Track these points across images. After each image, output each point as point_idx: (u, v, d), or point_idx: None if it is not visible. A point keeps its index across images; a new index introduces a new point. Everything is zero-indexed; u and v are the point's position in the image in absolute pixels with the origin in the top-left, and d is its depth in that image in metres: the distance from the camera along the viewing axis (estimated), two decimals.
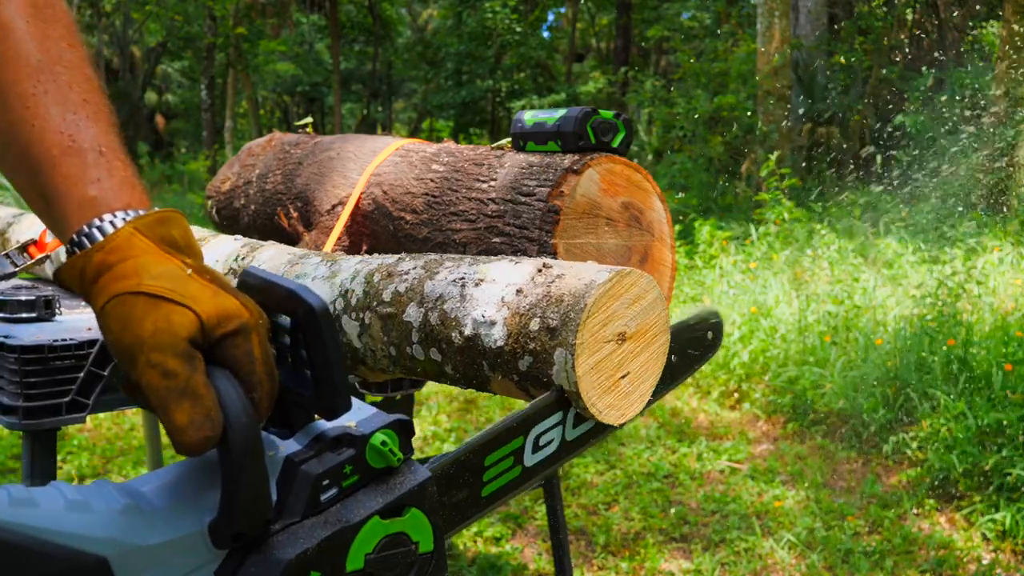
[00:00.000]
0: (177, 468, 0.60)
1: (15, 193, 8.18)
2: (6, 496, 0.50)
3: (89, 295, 0.59)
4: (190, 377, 0.55)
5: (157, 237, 0.60)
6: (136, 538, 0.54)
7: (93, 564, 0.52)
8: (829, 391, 3.68)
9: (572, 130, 1.19)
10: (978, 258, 4.92)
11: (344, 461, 0.62)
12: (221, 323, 0.57)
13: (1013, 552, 2.61)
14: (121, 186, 0.62)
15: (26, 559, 0.49)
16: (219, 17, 14.56)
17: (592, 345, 0.84)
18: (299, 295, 0.59)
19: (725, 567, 2.58)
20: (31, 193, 0.65)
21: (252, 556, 0.58)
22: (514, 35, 14.52)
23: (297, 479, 0.60)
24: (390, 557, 0.63)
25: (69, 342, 1.09)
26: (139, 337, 0.55)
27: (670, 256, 1.25)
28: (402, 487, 0.64)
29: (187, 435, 0.54)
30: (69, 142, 0.62)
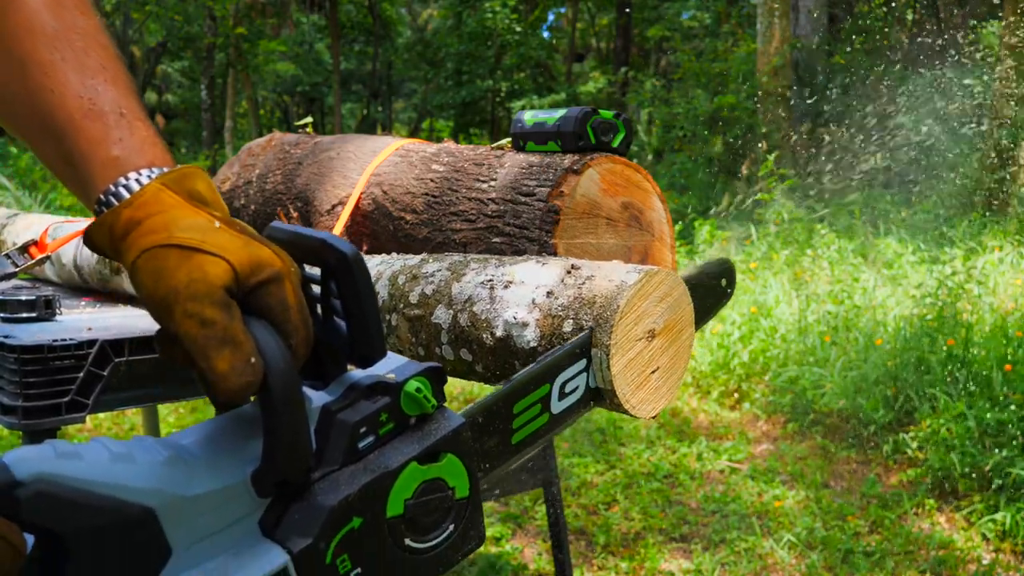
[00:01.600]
0: (215, 422, 0.61)
1: (14, 193, 8.18)
2: (51, 450, 0.50)
3: (119, 252, 0.59)
4: (228, 325, 0.55)
5: (184, 191, 0.60)
6: (181, 488, 0.54)
7: (139, 514, 0.52)
8: (829, 391, 3.67)
9: (572, 130, 1.19)
10: (978, 258, 4.92)
11: (380, 409, 0.62)
12: (254, 272, 0.57)
13: (1013, 552, 2.61)
14: (143, 145, 0.63)
15: (73, 510, 0.50)
16: (219, 17, 14.56)
17: (625, 344, 0.86)
18: (330, 243, 0.60)
19: (725, 567, 2.58)
20: (56, 160, 0.65)
21: (295, 504, 0.58)
22: (514, 35, 14.52)
23: (335, 428, 0.61)
24: (429, 502, 0.64)
25: (69, 342, 1.09)
26: (174, 288, 0.55)
27: (670, 256, 1.25)
28: (437, 433, 0.65)
29: (229, 381, 0.54)
30: (89, 106, 0.63)
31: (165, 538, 0.53)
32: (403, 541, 0.63)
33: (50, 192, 8.75)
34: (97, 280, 1.55)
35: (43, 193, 8.67)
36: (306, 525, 0.58)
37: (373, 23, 17.09)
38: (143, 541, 0.52)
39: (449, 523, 0.66)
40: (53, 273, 1.71)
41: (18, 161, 9.37)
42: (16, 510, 0.48)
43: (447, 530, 0.66)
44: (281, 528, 0.58)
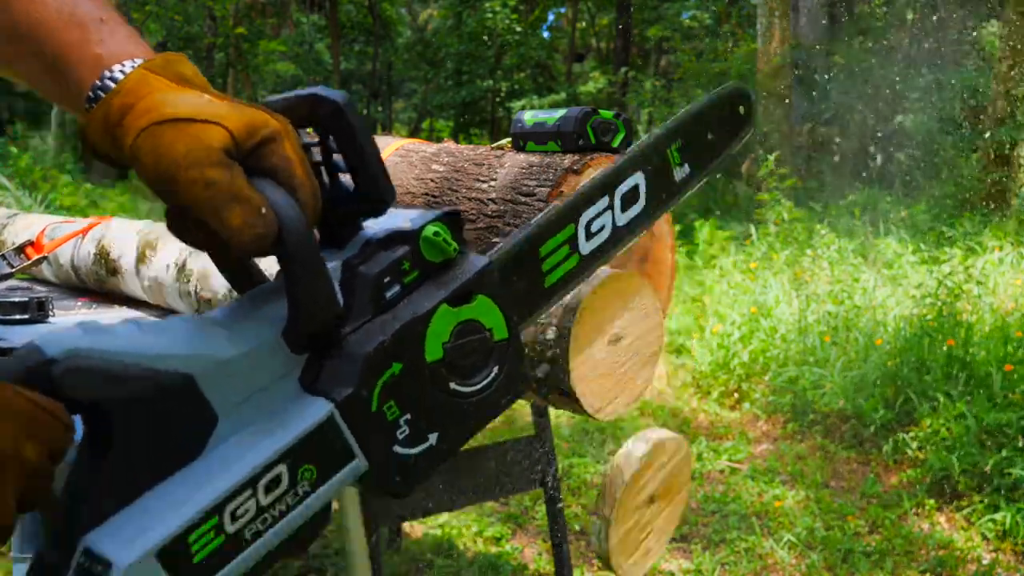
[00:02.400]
0: (237, 300, 0.62)
1: (14, 193, 8.18)
2: (81, 329, 0.51)
3: (116, 141, 0.59)
4: (232, 183, 0.55)
5: (171, 74, 0.60)
6: (217, 351, 0.55)
7: (178, 381, 0.52)
8: (829, 391, 3.67)
9: (572, 130, 1.18)
10: (978, 258, 4.92)
11: (400, 257, 0.62)
12: (251, 133, 0.57)
13: (1013, 552, 2.61)
14: (126, 41, 0.64)
15: (110, 382, 0.50)
16: (219, 17, 14.56)
17: (626, 516, 0.96)
18: (320, 95, 0.60)
19: (725, 567, 2.58)
20: (42, 78, 0.66)
21: (331, 357, 0.59)
22: (514, 35, 14.52)
23: (358, 280, 0.61)
24: (466, 344, 0.64)
25: None
26: (173, 160, 0.55)
27: (670, 256, 1.25)
28: (463, 275, 0.65)
29: (243, 235, 0.55)
30: (69, 17, 0.64)
31: (208, 404, 0.54)
32: (447, 385, 0.63)
33: (50, 192, 8.75)
34: (94, 280, 1.54)
35: (43, 193, 8.67)
36: (345, 374, 0.58)
37: (373, 23, 17.09)
38: (187, 408, 0.53)
39: (492, 366, 0.66)
40: (51, 273, 1.71)
41: (18, 161, 9.37)
42: (53, 386, 0.48)
43: (491, 373, 0.66)
44: (321, 380, 0.58)
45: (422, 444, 0.62)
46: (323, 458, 0.57)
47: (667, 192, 0.93)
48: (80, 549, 0.50)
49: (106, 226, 1.53)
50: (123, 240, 1.44)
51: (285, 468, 0.55)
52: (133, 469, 0.51)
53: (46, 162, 11.24)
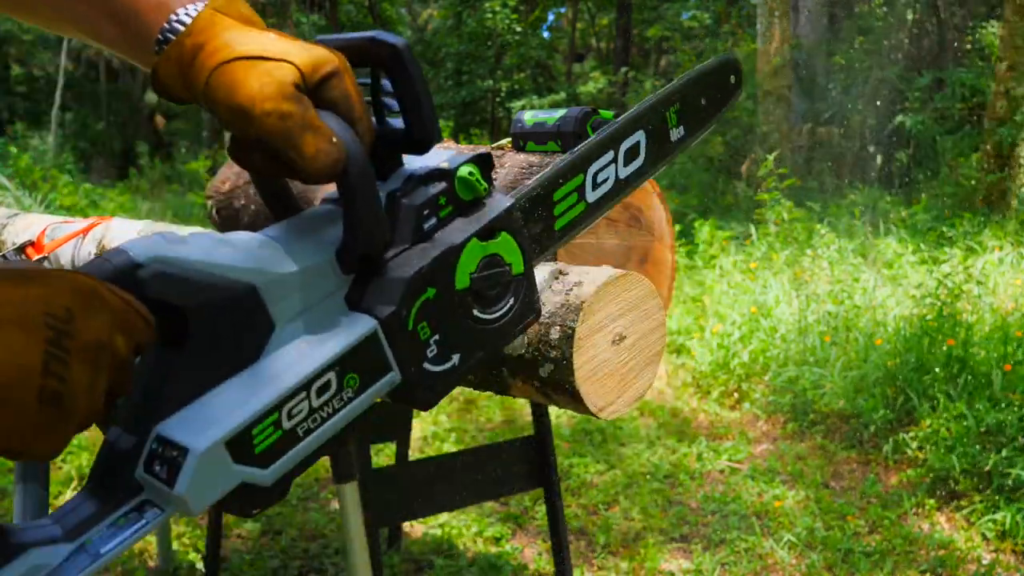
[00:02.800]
0: (294, 219, 0.67)
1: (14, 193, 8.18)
2: (162, 238, 0.56)
3: (189, 80, 0.63)
4: (304, 113, 0.60)
5: (235, 13, 0.65)
6: (277, 267, 0.60)
7: (245, 290, 0.58)
8: (829, 391, 3.67)
9: (572, 130, 1.18)
10: (978, 258, 4.92)
11: (438, 193, 0.68)
12: (316, 68, 0.62)
13: (1013, 552, 2.61)
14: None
15: (188, 287, 0.55)
16: None
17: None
18: (379, 38, 0.65)
19: (725, 567, 2.58)
20: (105, 27, 0.70)
21: (375, 279, 0.65)
22: (514, 35, 14.52)
23: (401, 211, 0.67)
24: (490, 276, 0.70)
25: None
26: (248, 94, 0.60)
27: (670, 256, 1.25)
28: (492, 212, 0.71)
29: (319, 161, 0.60)
30: None
31: (268, 313, 0.60)
32: (471, 312, 0.69)
33: (50, 192, 8.75)
34: None
35: (43, 193, 8.67)
36: (388, 294, 0.64)
37: (373, 23, 17.10)
38: (250, 315, 0.59)
39: (509, 297, 0.72)
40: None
41: (18, 161, 9.37)
42: (139, 288, 0.53)
43: (508, 303, 0.72)
44: (366, 299, 0.64)
45: (446, 363, 0.68)
46: (365, 368, 0.63)
47: (663, 150, 1.02)
48: (153, 436, 0.55)
49: (107, 226, 1.53)
50: (123, 240, 1.44)
51: (334, 375, 0.61)
52: (202, 367, 0.57)
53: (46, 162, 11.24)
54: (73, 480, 3.09)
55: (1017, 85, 6.48)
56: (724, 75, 1.13)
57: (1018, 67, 6.48)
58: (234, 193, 1.85)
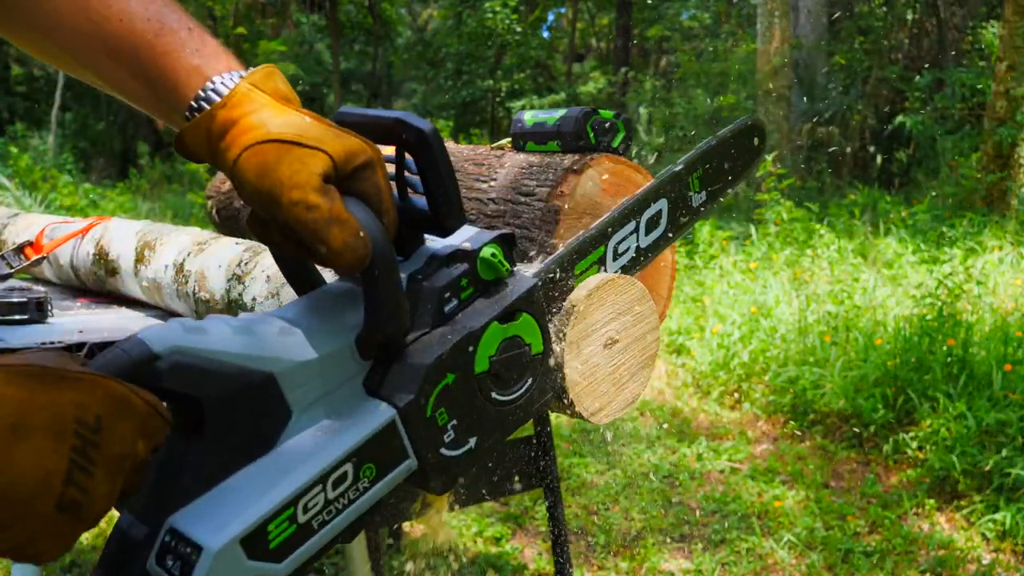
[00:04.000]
0: (311, 297, 0.67)
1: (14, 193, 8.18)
2: (179, 326, 0.55)
3: (216, 152, 0.62)
4: (332, 207, 0.59)
5: (271, 90, 0.64)
6: (296, 354, 0.60)
7: (263, 379, 0.58)
8: (829, 391, 3.67)
9: (572, 130, 1.18)
10: (978, 258, 4.92)
11: (460, 275, 0.68)
12: (349, 159, 0.61)
13: (1013, 552, 2.61)
14: (217, 53, 0.67)
15: (206, 377, 0.55)
16: (219, 17, 14.56)
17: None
18: (407, 121, 0.65)
19: (725, 567, 2.58)
20: (129, 81, 0.69)
21: (395, 365, 0.64)
22: (514, 35, 14.52)
23: (423, 294, 0.66)
24: (509, 358, 0.70)
25: (56, 345, 1.08)
26: (278, 180, 0.59)
27: (670, 256, 1.25)
28: (513, 294, 0.70)
29: (346, 256, 0.59)
30: (158, 26, 0.67)
31: (285, 400, 0.59)
32: (490, 394, 0.69)
33: (50, 192, 8.75)
34: (93, 281, 1.54)
35: (43, 193, 8.66)
36: (407, 382, 0.63)
37: (373, 23, 17.09)
38: (267, 403, 0.58)
39: (528, 377, 0.72)
40: (52, 274, 1.71)
41: (18, 161, 9.36)
42: (157, 380, 0.53)
43: (526, 383, 0.72)
44: (384, 386, 0.64)
45: (463, 447, 0.67)
46: (382, 457, 0.62)
47: (685, 216, 1.01)
48: (166, 528, 0.54)
49: (105, 227, 1.53)
50: (121, 241, 1.44)
51: (351, 466, 0.60)
52: (217, 456, 0.56)
53: (46, 162, 11.23)
54: None
55: (1017, 85, 6.47)
56: (748, 138, 1.12)
57: (1018, 67, 6.48)
58: (234, 193, 1.85)
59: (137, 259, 1.38)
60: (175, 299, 1.29)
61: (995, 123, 6.61)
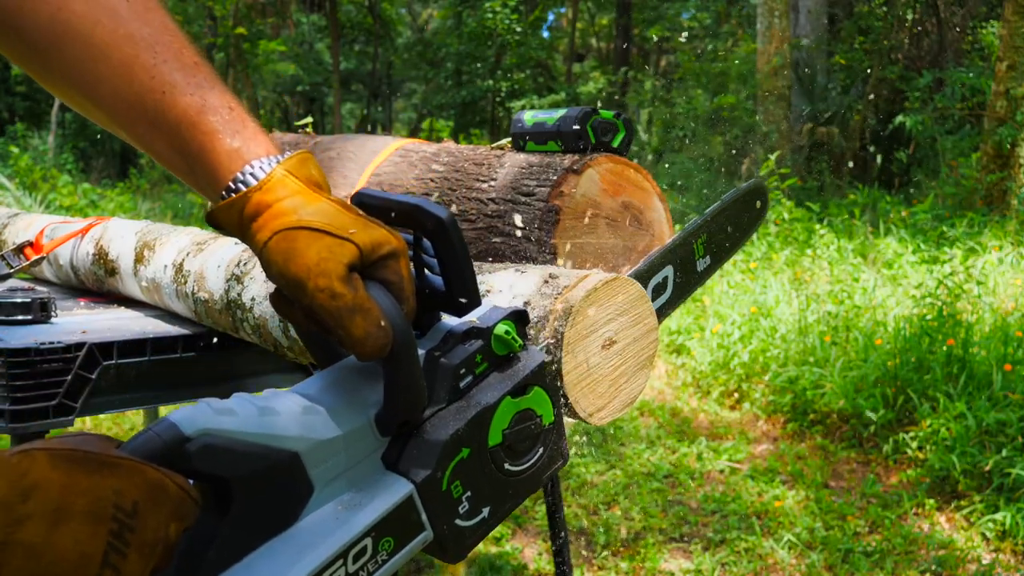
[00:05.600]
0: (331, 373, 0.69)
1: (14, 193, 8.17)
2: (208, 408, 0.57)
3: (247, 231, 0.66)
4: (356, 295, 0.62)
5: (304, 177, 0.67)
6: (318, 433, 0.62)
7: (287, 458, 0.60)
8: (829, 391, 3.67)
9: (572, 130, 1.18)
10: (978, 258, 4.92)
11: (475, 352, 0.70)
12: (375, 249, 0.64)
13: (1013, 552, 2.61)
14: (256, 136, 0.70)
15: (234, 458, 0.57)
16: (219, 17, 14.56)
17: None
18: (426, 208, 0.67)
19: (725, 567, 2.58)
20: (167, 152, 0.71)
21: (412, 440, 0.67)
22: (514, 35, 14.52)
23: (440, 371, 0.69)
24: (522, 430, 0.72)
25: (56, 345, 1.08)
26: (305, 266, 0.62)
27: None
28: (525, 369, 0.73)
29: (367, 345, 0.62)
30: (201, 103, 0.69)
31: (308, 477, 0.61)
32: (503, 466, 0.71)
33: (50, 192, 8.75)
34: (92, 281, 1.54)
35: (43, 193, 8.66)
36: (425, 457, 0.66)
37: (373, 23, 17.09)
38: (291, 481, 0.60)
39: (539, 447, 0.74)
40: (52, 274, 1.71)
41: (18, 161, 9.36)
42: (188, 462, 0.55)
43: (537, 453, 0.74)
44: (402, 461, 0.66)
45: (478, 516, 0.70)
46: (400, 531, 0.65)
47: (689, 280, 1.04)
48: None
49: (105, 227, 1.53)
50: (121, 241, 1.44)
51: (370, 540, 0.62)
52: (242, 531, 0.58)
53: (46, 162, 11.23)
54: None
55: (1017, 85, 6.47)
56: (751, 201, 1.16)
57: (1018, 67, 6.48)
58: None
59: (136, 259, 1.38)
60: (174, 299, 1.29)
61: (995, 123, 6.61)
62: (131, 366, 1.16)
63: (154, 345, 1.19)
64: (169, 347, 1.21)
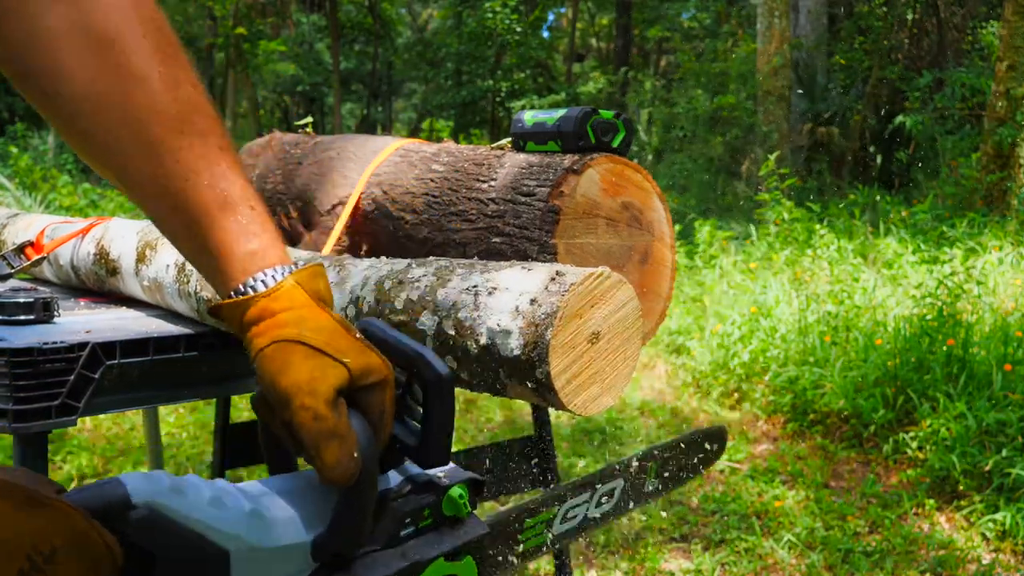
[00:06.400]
0: (294, 480, 0.68)
1: (14, 193, 8.17)
2: (166, 482, 0.57)
3: (247, 334, 0.67)
4: (337, 422, 0.62)
5: (312, 291, 0.68)
6: (254, 539, 0.61)
7: (218, 554, 0.59)
8: (829, 391, 3.67)
9: (572, 130, 1.18)
10: (978, 258, 4.92)
11: (425, 505, 0.71)
12: (364, 375, 0.64)
13: (1013, 552, 2.61)
14: (273, 242, 0.70)
15: (169, 539, 0.57)
16: (219, 17, 14.56)
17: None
18: (429, 361, 0.67)
19: (725, 567, 2.58)
20: (186, 240, 0.72)
21: (338, 574, 0.66)
22: (514, 35, 14.52)
23: (387, 513, 0.69)
24: None
25: (59, 345, 1.08)
26: (296, 383, 0.62)
27: (670, 256, 1.25)
28: (465, 536, 0.73)
29: (336, 472, 0.62)
30: (223, 197, 0.69)
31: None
32: None
33: (50, 192, 8.75)
34: (94, 281, 1.54)
35: (43, 193, 8.66)
36: None
37: (373, 23, 17.09)
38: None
39: None
40: (52, 274, 1.71)
41: (18, 161, 9.36)
42: (125, 526, 0.54)
43: None
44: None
45: None
46: None
47: (635, 499, 1.09)
48: None
49: (106, 227, 1.53)
50: (122, 240, 1.44)
51: None
52: None
53: (46, 162, 11.24)
54: (73, 480, 3.08)
55: (1017, 85, 6.47)
56: (707, 445, 1.23)
57: (1018, 67, 6.48)
58: None
59: (138, 259, 1.38)
60: (176, 298, 1.29)
61: (995, 123, 6.61)
62: (134, 366, 1.16)
63: (156, 344, 1.19)
64: (171, 347, 1.21)
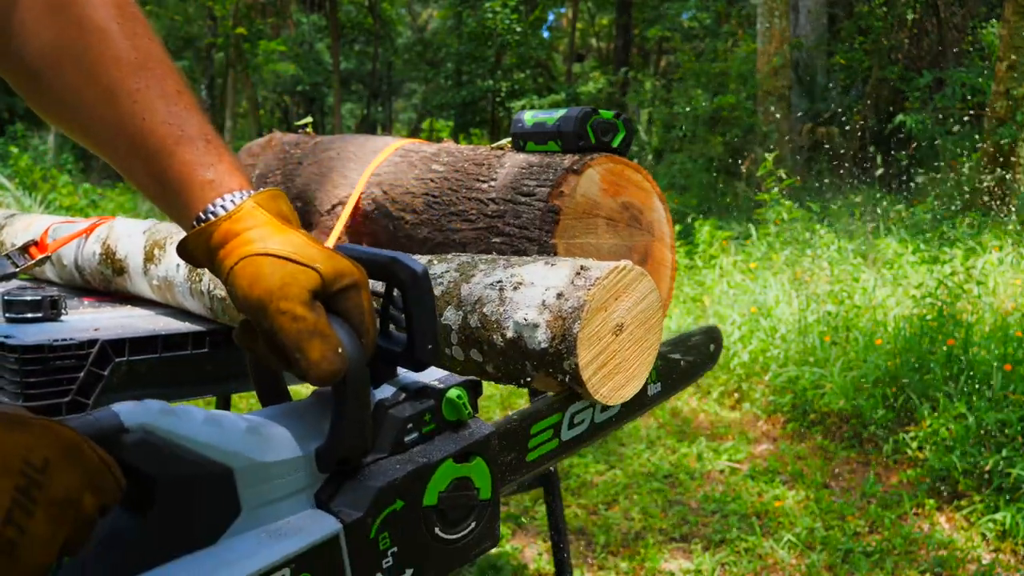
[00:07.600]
0: (282, 408, 0.70)
1: (14, 193, 8.17)
2: (157, 406, 0.57)
3: (214, 259, 0.67)
4: (316, 320, 0.63)
5: (274, 210, 0.69)
6: (256, 455, 0.61)
7: (220, 472, 0.59)
8: (829, 391, 3.67)
9: (572, 130, 1.19)
10: (978, 258, 4.92)
11: (425, 410, 0.71)
12: (337, 279, 0.66)
13: (1013, 552, 2.61)
14: (231, 170, 0.72)
15: (167, 460, 0.56)
16: (219, 17, 14.56)
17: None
18: (402, 261, 0.69)
19: (725, 567, 2.58)
20: (144, 178, 0.73)
21: (348, 482, 0.67)
22: (514, 35, 14.52)
23: (387, 421, 0.69)
24: (458, 497, 0.72)
25: (69, 342, 1.09)
26: (268, 290, 0.63)
27: (670, 256, 1.25)
28: (471, 437, 0.74)
29: (322, 368, 0.63)
30: (179, 132, 0.71)
31: (237, 497, 0.60)
32: (433, 530, 0.71)
33: (50, 192, 8.75)
34: (99, 280, 1.55)
35: (43, 193, 8.66)
36: (357, 500, 0.66)
37: (373, 23, 17.09)
38: (219, 497, 0.59)
39: (472, 520, 0.74)
40: (54, 274, 1.71)
41: (18, 161, 9.36)
42: (120, 451, 0.54)
43: (470, 526, 0.74)
44: (335, 501, 0.66)
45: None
46: (320, 570, 0.63)
47: (639, 403, 1.08)
48: None
49: (110, 226, 1.53)
50: (129, 240, 1.45)
51: (288, 571, 0.61)
52: (160, 539, 0.56)
53: (46, 162, 11.24)
54: None
55: (1017, 85, 6.47)
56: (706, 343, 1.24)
57: (1018, 67, 6.48)
58: None
59: (147, 258, 1.38)
60: (188, 297, 1.29)
61: (995, 123, 6.61)
62: (142, 363, 1.17)
63: (165, 342, 1.20)
64: (179, 344, 1.22)
